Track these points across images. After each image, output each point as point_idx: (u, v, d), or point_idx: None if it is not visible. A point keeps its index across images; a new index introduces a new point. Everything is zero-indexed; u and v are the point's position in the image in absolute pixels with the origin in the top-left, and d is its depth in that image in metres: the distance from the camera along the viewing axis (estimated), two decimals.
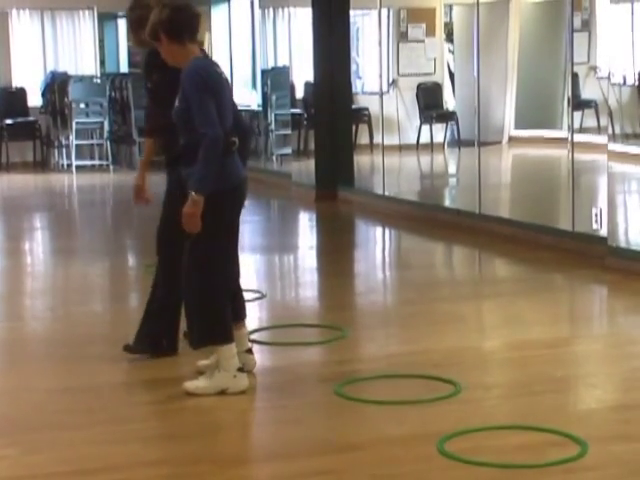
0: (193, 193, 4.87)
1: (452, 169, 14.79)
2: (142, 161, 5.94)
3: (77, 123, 15.36)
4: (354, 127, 12.97)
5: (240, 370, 5.06)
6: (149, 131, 5.86)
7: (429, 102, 14.47)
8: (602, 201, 8.31)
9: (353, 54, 12.86)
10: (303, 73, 13.08)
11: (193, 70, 4.98)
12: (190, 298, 5.07)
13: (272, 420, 4.86)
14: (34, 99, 16.22)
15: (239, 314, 5.28)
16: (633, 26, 8.71)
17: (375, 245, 10.23)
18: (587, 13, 12.49)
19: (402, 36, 14.34)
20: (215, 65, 5.15)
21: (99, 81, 16.07)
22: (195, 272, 5.01)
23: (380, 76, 12.10)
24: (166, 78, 5.28)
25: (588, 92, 12.28)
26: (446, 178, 14.08)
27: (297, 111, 13.58)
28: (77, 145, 15.48)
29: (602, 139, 8.63)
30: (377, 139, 12.84)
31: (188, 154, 4.96)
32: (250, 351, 5.35)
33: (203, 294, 5.02)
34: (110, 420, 4.76)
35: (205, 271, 5.00)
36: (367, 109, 13.77)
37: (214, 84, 4.97)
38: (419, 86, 14.46)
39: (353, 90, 12.94)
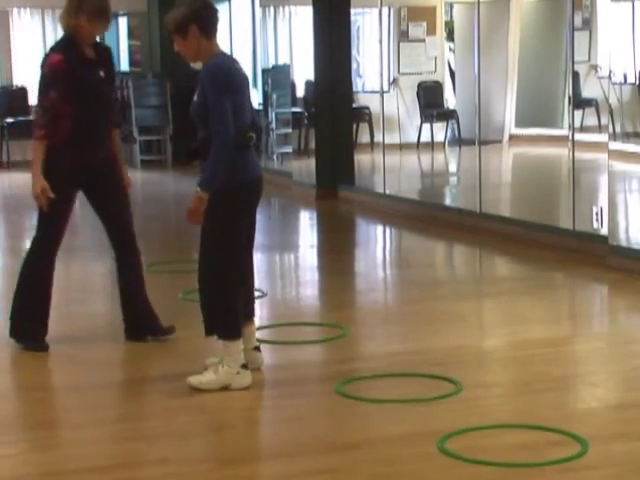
0: (199, 189, 4.90)
1: (453, 168, 14.79)
2: None
3: None
4: (355, 126, 12.98)
5: (244, 367, 5.07)
6: None
7: (430, 101, 14.47)
8: (603, 200, 8.31)
9: (354, 53, 12.86)
10: (304, 72, 13.08)
11: (215, 68, 4.98)
12: (205, 292, 5.08)
13: (273, 419, 4.87)
14: (35, 98, 16.20)
15: (249, 312, 5.29)
16: (634, 25, 8.72)
17: (376, 244, 10.24)
18: (588, 12, 12.48)
19: (403, 35, 14.33)
20: (235, 62, 5.16)
21: None
22: (211, 267, 5.03)
23: (381, 75, 12.10)
24: None
25: (589, 91, 12.28)
26: (447, 177, 14.08)
27: (298, 110, 13.58)
28: None
29: (603, 138, 8.63)
30: (378, 138, 12.84)
31: (205, 148, 4.98)
32: (258, 349, 5.36)
33: (218, 288, 5.03)
34: (114, 418, 4.78)
35: (220, 266, 5.01)
36: (368, 108, 13.76)
37: (234, 83, 4.99)
38: (420, 85, 14.46)
39: (354, 89, 12.94)
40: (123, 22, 17.73)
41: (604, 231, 7.96)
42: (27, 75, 16.34)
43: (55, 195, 5.61)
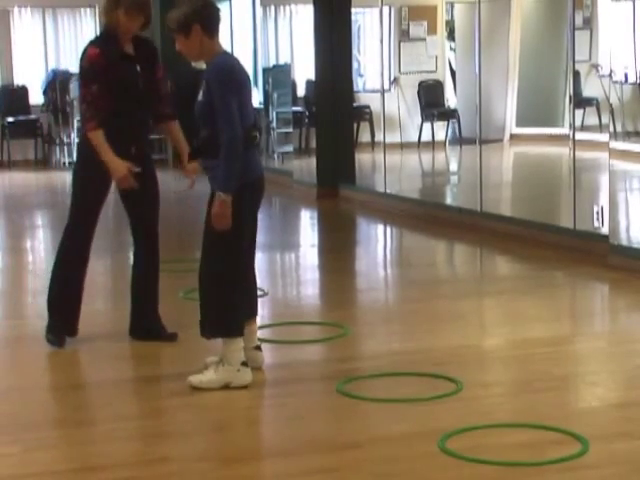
0: (221, 193, 4.89)
1: (453, 167, 14.79)
2: None
3: (78, 121, 15.34)
4: (355, 125, 12.98)
5: (244, 364, 5.07)
6: None
7: (430, 100, 14.48)
8: (603, 199, 8.31)
9: (354, 52, 12.87)
10: (304, 71, 13.09)
11: (221, 66, 4.99)
12: (207, 290, 5.09)
13: (274, 418, 4.87)
14: (36, 97, 16.23)
15: (252, 310, 5.30)
16: (634, 24, 8.72)
17: (376, 243, 10.24)
18: (588, 11, 12.48)
19: (403, 34, 14.34)
20: (238, 61, 5.16)
21: None
22: (213, 265, 5.03)
23: (381, 74, 12.11)
24: None
25: (589, 90, 12.27)
26: (447, 176, 14.08)
27: (298, 109, 13.59)
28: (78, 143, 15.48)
29: (604, 137, 8.63)
30: (378, 137, 12.84)
31: (208, 147, 4.98)
32: (259, 348, 5.37)
33: (220, 287, 5.03)
34: (114, 417, 4.77)
35: (223, 265, 5.01)
36: (368, 107, 13.78)
37: (238, 81, 4.99)
38: (420, 84, 14.46)
39: (354, 88, 12.95)
40: None
41: (605, 230, 7.96)
42: (27, 74, 16.39)
43: (91, 186, 5.69)
